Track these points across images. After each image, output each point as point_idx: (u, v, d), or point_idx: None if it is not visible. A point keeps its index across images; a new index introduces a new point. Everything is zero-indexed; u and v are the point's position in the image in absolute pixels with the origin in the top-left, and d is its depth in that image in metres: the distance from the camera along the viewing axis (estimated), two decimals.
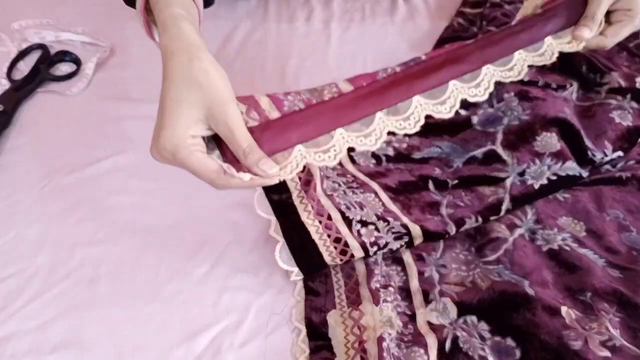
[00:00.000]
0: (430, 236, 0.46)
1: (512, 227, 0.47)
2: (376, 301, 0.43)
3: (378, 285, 0.45)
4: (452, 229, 0.47)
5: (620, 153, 0.51)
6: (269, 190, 0.44)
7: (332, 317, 0.43)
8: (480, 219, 0.47)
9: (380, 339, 0.41)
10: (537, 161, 0.50)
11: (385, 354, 0.39)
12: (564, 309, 0.41)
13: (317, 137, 0.43)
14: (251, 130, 0.40)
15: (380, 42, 0.68)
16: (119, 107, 0.59)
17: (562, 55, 0.60)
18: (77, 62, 0.64)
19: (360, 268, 0.46)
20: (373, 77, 0.45)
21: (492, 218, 0.48)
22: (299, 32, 0.69)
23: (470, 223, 0.47)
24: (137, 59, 0.64)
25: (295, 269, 0.44)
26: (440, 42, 0.66)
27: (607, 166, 0.52)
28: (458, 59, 0.48)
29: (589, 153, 0.50)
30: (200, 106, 0.36)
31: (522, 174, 0.49)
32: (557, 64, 0.56)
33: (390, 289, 0.44)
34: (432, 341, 0.41)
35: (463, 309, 0.43)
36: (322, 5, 0.72)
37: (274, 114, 0.41)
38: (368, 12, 0.72)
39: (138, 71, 0.63)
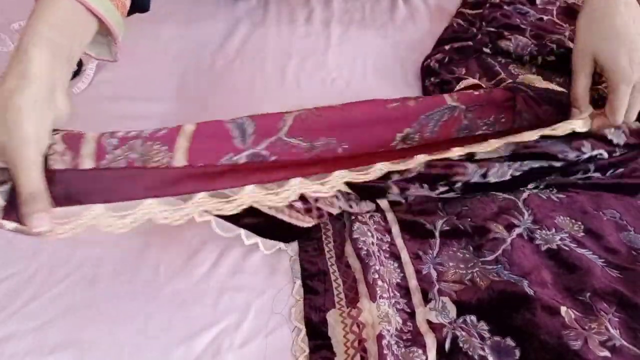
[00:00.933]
0: (361, 190, 0.46)
1: (510, 227, 0.47)
2: (373, 297, 0.43)
3: (376, 276, 0.45)
4: (395, 190, 0.47)
5: (602, 152, 0.50)
6: None
7: (332, 317, 0.43)
8: (426, 186, 0.47)
9: (380, 337, 0.41)
10: (497, 164, 0.48)
11: (386, 352, 0.40)
12: (563, 309, 0.41)
13: (119, 202, 0.38)
14: (52, 172, 0.36)
15: (381, 42, 0.68)
16: (119, 107, 0.59)
17: (561, 54, 0.60)
18: (78, 62, 0.64)
19: (356, 265, 0.46)
20: (215, 159, 0.40)
21: (441, 187, 0.47)
22: (299, 32, 0.69)
23: (416, 188, 0.47)
24: (138, 59, 0.64)
25: (259, 239, 0.44)
26: (440, 43, 0.67)
27: (597, 174, 0.51)
28: (308, 164, 0.44)
29: (559, 155, 0.48)
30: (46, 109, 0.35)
31: (484, 175, 0.48)
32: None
33: (385, 285, 0.44)
34: (430, 341, 0.41)
35: (462, 308, 0.43)
36: (322, 5, 0.72)
37: (87, 164, 0.37)
38: (368, 12, 0.72)
39: (139, 71, 0.63)
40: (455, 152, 0.47)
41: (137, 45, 0.66)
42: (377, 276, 0.45)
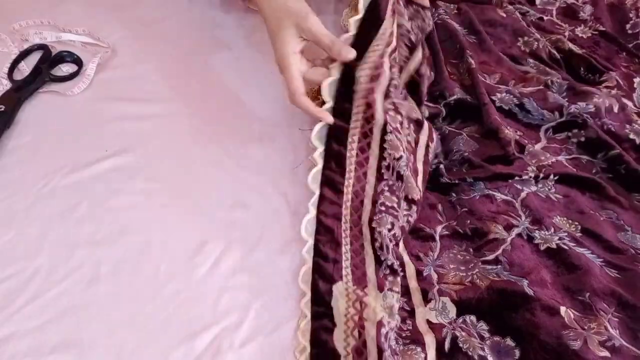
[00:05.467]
0: None
1: (509, 227, 0.47)
2: (380, 288, 0.43)
3: (387, 272, 0.44)
4: None
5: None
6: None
7: (337, 289, 0.43)
8: None
9: (380, 324, 0.41)
10: None
11: (383, 340, 0.40)
12: (562, 309, 0.41)
13: None
14: None
15: None
16: (119, 107, 0.59)
17: (562, 56, 0.60)
18: (78, 62, 0.64)
19: (369, 250, 0.46)
20: None
21: None
22: None
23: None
24: (138, 60, 0.64)
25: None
26: None
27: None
28: None
29: None
30: (290, 26, 0.48)
31: None
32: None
33: (398, 279, 0.44)
34: (430, 340, 0.41)
35: (462, 308, 0.43)
36: None
37: None
38: None
39: (139, 71, 0.63)
40: None
41: (137, 45, 0.66)
42: (388, 272, 0.44)
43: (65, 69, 0.64)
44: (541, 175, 0.50)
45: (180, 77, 0.63)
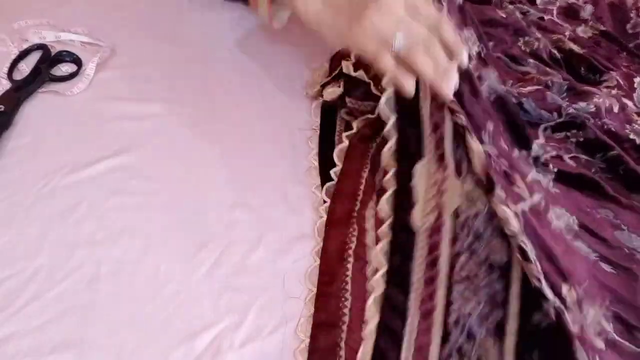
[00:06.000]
0: None
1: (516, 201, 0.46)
2: (459, 172, 0.42)
3: (459, 158, 0.43)
4: None
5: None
6: None
7: (419, 169, 0.44)
8: None
9: (456, 214, 0.41)
10: None
11: (459, 230, 0.40)
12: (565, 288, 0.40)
13: None
14: None
15: None
16: (119, 107, 0.59)
17: (562, 55, 0.60)
18: (77, 62, 0.64)
19: (449, 124, 0.43)
20: None
21: None
22: None
23: None
24: (138, 60, 0.64)
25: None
26: None
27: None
28: None
29: None
30: None
31: None
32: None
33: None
34: None
35: None
36: None
37: None
38: None
39: (138, 71, 0.63)
40: None
41: (137, 45, 0.66)
42: (459, 157, 0.42)
43: (65, 68, 0.64)
44: (541, 160, 0.50)
45: (180, 77, 0.63)
